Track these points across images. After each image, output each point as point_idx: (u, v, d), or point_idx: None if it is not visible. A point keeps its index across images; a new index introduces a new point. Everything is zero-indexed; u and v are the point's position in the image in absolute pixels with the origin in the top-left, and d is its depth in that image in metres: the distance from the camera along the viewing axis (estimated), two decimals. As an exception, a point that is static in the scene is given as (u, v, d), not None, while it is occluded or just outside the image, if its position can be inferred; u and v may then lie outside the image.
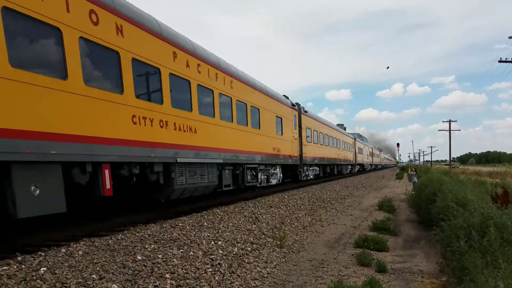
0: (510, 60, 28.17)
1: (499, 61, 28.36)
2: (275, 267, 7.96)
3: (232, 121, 13.35)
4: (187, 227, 8.61)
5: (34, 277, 4.81)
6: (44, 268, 5.09)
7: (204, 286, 6.08)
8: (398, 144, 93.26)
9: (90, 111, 7.07)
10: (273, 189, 17.99)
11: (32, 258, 5.37)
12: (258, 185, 16.17)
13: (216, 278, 6.48)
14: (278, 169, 19.12)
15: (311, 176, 26.06)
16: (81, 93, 6.86)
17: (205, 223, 9.26)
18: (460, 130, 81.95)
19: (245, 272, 7.16)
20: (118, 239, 6.89)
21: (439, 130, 65.81)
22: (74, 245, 6.22)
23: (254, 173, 15.59)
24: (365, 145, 57.60)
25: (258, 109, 16.05)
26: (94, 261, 5.74)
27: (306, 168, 24.30)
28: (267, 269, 7.71)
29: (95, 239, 6.71)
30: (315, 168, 27.18)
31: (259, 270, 7.51)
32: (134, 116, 8.21)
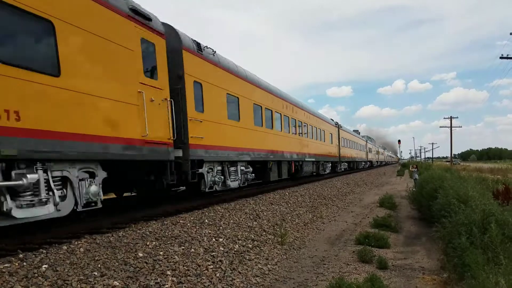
0: (511, 56, 28.10)
1: (501, 58, 28.32)
2: (276, 264, 7.97)
3: (317, 139, 26.72)
4: (188, 224, 8.62)
5: (36, 275, 4.82)
6: (46, 266, 5.10)
7: (205, 283, 6.09)
8: (399, 141, 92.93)
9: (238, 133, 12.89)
10: (273, 186, 18.00)
11: (33, 256, 5.38)
12: (322, 172, 28.59)
13: (217, 275, 6.49)
14: (329, 164, 31.45)
15: (343, 169, 38.50)
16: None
17: (206, 220, 9.27)
18: (461, 127, 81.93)
19: (246, 269, 7.17)
20: (119, 236, 6.90)
21: (440, 127, 65.91)
22: (76, 242, 6.23)
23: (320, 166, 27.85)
24: (373, 145, 69.95)
25: (324, 130, 29.25)
26: (96, 258, 5.75)
27: (341, 163, 36.67)
28: (268, 266, 7.72)
29: (96, 236, 6.73)
30: (345, 163, 39.81)
31: (260, 267, 7.52)
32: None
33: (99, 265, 5.54)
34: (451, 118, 64.07)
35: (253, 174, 14.84)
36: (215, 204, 11.50)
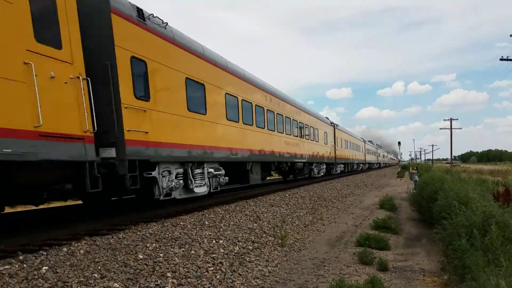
0: (511, 58, 28.12)
1: (501, 59, 28.35)
2: (277, 266, 7.96)
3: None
4: (188, 226, 8.62)
5: (36, 276, 4.82)
6: (46, 267, 5.09)
7: (205, 284, 6.08)
8: (399, 143, 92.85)
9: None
10: (273, 188, 17.98)
11: (33, 257, 5.37)
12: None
13: (218, 276, 6.48)
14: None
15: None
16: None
17: (206, 222, 9.26)
18: (461, 129, 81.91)
19: (247, 271, 7.16)
20: (120, 238, 6.90)
21: (440, 129, 65.88)
22: (76, 244, 6.22)
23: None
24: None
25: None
26: (96, 260, 5.75)
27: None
28: (269, 267, 7.71)
29: (96, 238, 6.72)
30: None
31: (261, 268, 7.51)
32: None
33: (99, 267, 5.54)
34: (451, 119, 64.13)
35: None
36: (215, 206, 11.49)
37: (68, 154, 6.54)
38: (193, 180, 10.58)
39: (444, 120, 65.95)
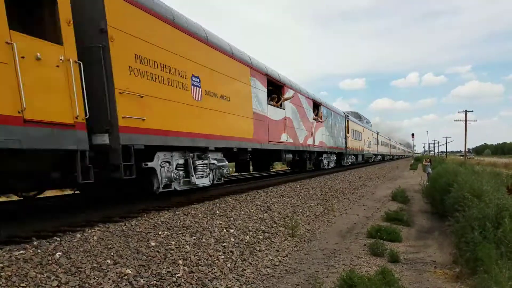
0: (529, 49, 27.55)
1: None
2: (287, 256, 7.99)
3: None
4: (200, 215, 8.67)
5: (50, 262, 4.90)
6: (60, 253, 5.18)
7: (216, 272, 6.14)
8: (413, 135, 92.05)
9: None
10: (285, 178, 17.99)
11: (47, 243, 5.46)
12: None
13: (228, 265, 6.53)
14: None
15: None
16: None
17: (217, 211, 9.32)
18: (476, 121, 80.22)
19: (257, 260, 7.20)
20: (132, 225, 6.98)
21: (454, 121, 64.79)
22: (89, 231, 6.31)
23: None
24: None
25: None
26: (109, 246, 5.83)
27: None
28: (279, 257, 7.74)
29: (109, 224, 6.80)
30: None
31: (271, 258, 7.55)
32: None
33: (112, 253, 5.61)
34: (465, 111, 63.07)
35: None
36: (225, 196, 11.55)
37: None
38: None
39: (458, 112, 64.85)
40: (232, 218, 9.10)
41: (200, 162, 10.33)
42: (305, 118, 19.86)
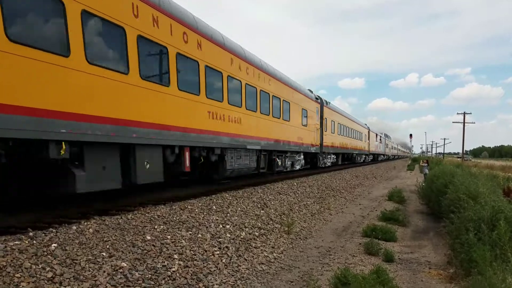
0: (529, 52, 27.58)
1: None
2: (282, 253, 8.01)
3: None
4: (196, 210, 8.68)
5: (45, 253, 4.90)
6: (55, 244, 5.18)
7: (211, 268, 6.15)
8: (410, 135, 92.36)
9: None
10: (282, 176, 18.00)
11: (43, 234, 5.46)
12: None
13: (223, 260, 6.55)
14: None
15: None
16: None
17: (214, 207, 9.32)
18: (474, 123, 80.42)
19: (252, 256, 7.22)
20: (128, 219, 6.98)
21: (453, 122, 64.87)
22: (85, 223, 6.31)
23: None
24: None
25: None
26: (104, 239, 5.83)
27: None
28: (274, 254, 7.76)
29: (105, 217, 6.80)
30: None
31: (266, 255, 7.56)
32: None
33: (107, 246, 5.62)
34: (464, 113, 63.13)
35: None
36: (223, 191, 11.55)
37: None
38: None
39: (457, 113, 64.92)
40: (228, 214, 9.10)
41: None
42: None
